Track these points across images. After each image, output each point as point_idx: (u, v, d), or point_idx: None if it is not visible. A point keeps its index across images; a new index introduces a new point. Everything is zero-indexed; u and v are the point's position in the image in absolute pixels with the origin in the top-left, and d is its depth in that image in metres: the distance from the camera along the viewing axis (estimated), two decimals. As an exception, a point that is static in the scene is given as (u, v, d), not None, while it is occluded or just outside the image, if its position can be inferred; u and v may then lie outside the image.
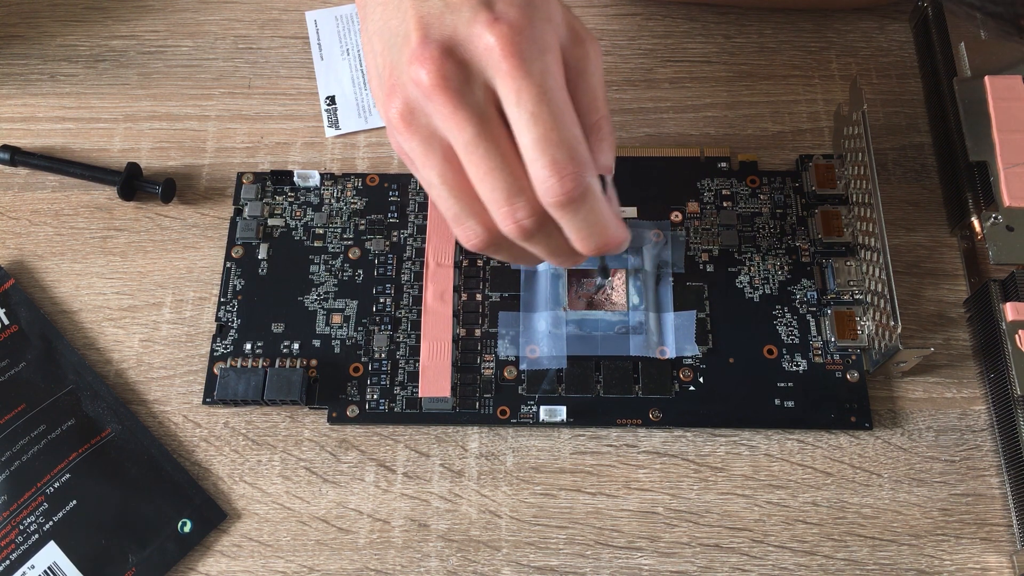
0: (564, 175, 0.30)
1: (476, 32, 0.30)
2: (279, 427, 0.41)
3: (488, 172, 0.31)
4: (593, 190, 0.31)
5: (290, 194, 0.45)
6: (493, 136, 0.31)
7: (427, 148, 0.32)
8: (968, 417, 0.40)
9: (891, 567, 0.38)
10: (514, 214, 0.31)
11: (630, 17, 0.50)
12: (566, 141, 0.30)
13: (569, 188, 0.30)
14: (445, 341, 0.41)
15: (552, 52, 0.31)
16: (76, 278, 0.44)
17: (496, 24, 0.30)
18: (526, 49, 0.30)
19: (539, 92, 0.30)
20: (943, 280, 0.43)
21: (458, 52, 0.31)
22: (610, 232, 0.32)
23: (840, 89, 0.48)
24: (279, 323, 0.42)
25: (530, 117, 0.30)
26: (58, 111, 0.48)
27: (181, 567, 0.38)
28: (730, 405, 0.40)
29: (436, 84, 0.30)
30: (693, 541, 0.38)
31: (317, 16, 0.51)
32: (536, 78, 0.30)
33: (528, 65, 0.30)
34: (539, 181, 0.31)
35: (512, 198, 0.31)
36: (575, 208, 0.31)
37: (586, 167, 0.31)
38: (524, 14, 0.30)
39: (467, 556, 0.38)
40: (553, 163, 0.30)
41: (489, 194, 0.31)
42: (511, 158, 0.31)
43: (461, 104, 0.30)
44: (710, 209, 0.44)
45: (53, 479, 0.39)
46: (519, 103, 0.30)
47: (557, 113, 0.30)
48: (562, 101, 0.31)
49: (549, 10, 0.32)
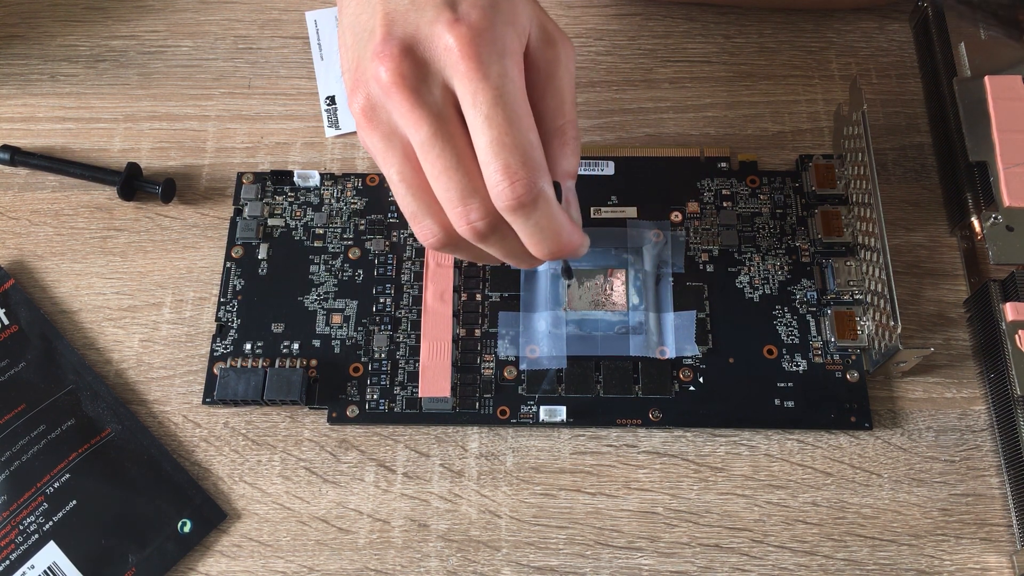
0: (516, 180, 0.30)
1: (437, 32, 0.30)
2: (279, 427, 0.41)
3: (443, 171, 0.31)
4: (546, 195, 0.31)
5: (290, 194, 0.45)
6: (449, 136, 0.31)
7: (387, 145, 0.32)
8: (968, 417, 0.40)
9: (891, 567, 0.38)
10: (467, 215, 0.31)
11: (630, 17, 0.50)
12: (520, 146, 0.30)
13: (520, 193, 0.30)
14: (445, 341, 0.41)
15: (512, 56, 0.31)
16: (76, 278, 0.44)
17: (456, 25, 0.30)
18: (485, 52, 0.30)
19: (495, 95, 0.30)
20: (943, 280, 0.43)
21: (418, 51, 0.31)
22: (563, 238, 0.32)
23: (840, 89, 0.48)
24: (279, 323, 0.42)
25: (485, 120, 0.30)
26: (58, 111, 0.48)
27: (181, 567, 0.38)
28: (730, 405, 0.40)
29: (393, 81, 0.30)
30: (693, 541, 0.38)
31: (317, 16, 0.51)
32: (493, 80, 0.30)
33: (486, 68, 0.30)
34: (492, 184, 0.31)
35: (466, 199, 0.31)
36: (526, 213, 0.31)
37: (539, 172, 0.31)
38: (485, 16, 0.30)
39: (467, 556, 0.38)
40: (506, 167, 0.30)
41: (443, 193, 0.31)
42: (467, 159, 0.31)
43: (417, 103, 0.31)
44: (710, 209, 0.44)
45: (53, 479, 0.39)
46: (475, 105, 0.30)
47: (512, 117, 0.30)
48: (519, 105, 0.31)
49: (514, 13, 0.31)
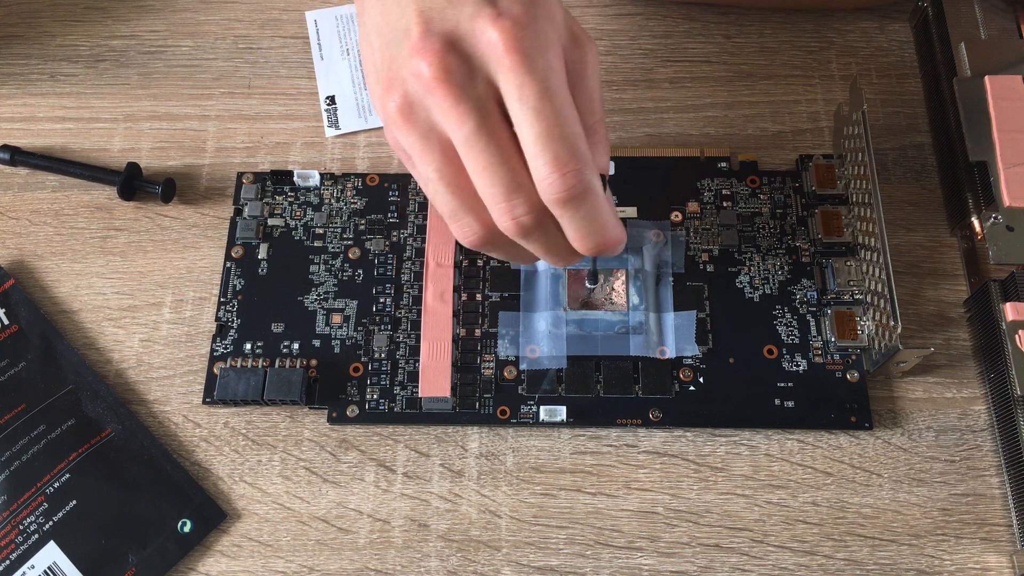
0: (567, 171, 0.30)
1: (479, 27, 0.30)
2: (279, 427, 0.41)
3: (487, 167, 0.31)
4: (594, 188, 0.31)
5: (290, 194, 0.45)
6: (493, 131, 0.31)
7: (425, 143, 0.32)
8: (968, 417, 0.40)
9: (891, 567, 0.38)
10: (512, 210, 0.31)
11: (630, 17, 0.50)
12: (568, 137, 0.30)
13: (571, 184, 0.30)
14: (445, 341, 0.41)
15: (554, 50, 0.31)
16: (76, 278, 0.44)
17: (500, 19, 0.30)
18: (529, 45, 0.30)
19: (542, 88, 0.30)
20: (943, 280, 0.43)
21: (460, 46, 0.31)
22: (608, 231, 0.32)
23: (840, 89, 0.48)
24: (279, 323, 0.42)
25: (533, 113, 0.30)
26: (58, 111, 0.48)
27: (181, 567, 0.38)
28: (730, 405, 0.40)
29: (438, 77, 0.30)
30: (693, 541, 0.38)
31: (317, 16, 0.51)
32: (539, 74, 0.30)
33: (531, 61, 0.30)
34: (541, 177, 0.30)
35: (511, 194, 0.31)
36: (576, 205, 0.31)
37: (588, 164, 0.31)
38: (527, 11, 0.30)
39: (467, 556, 0.38)
40: (556, 159, 0.30)
41: (488, 190, 0.31)
42: (511, 154, 0.31)
43: (462, 98, 0.30)
44: (710, 209, 0.44)
45: (53, 479, 0.39)
46: (522, 99, 0.30)
47: (560, 109, 0.30)
48: (564, 98, 0.30)
49: (551, 9, 0.31)
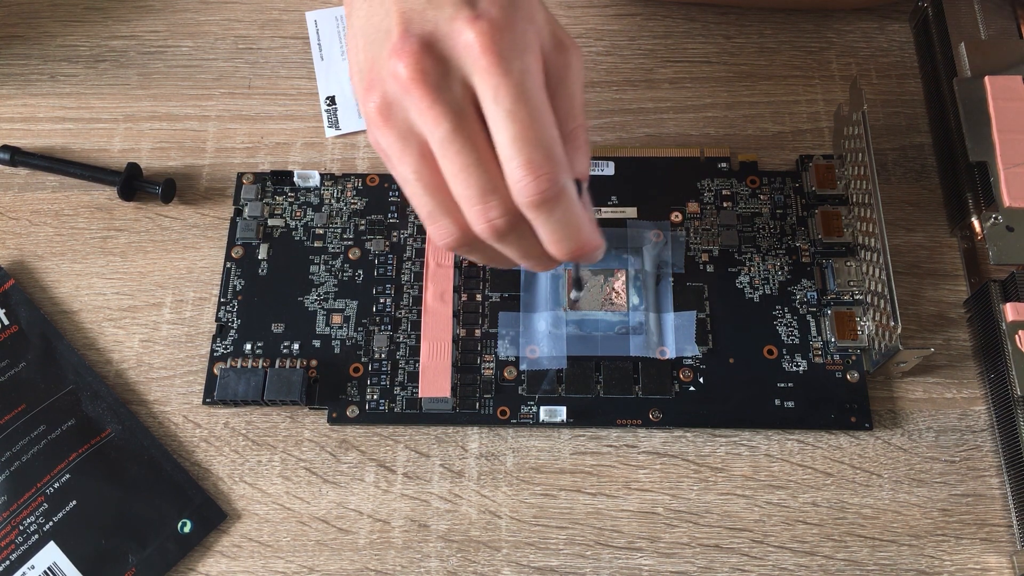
0: (540, 174, 0.30)
1: (456, 28, 0.30)
2: (279, 427, 0.41)
3: (462, 169, 0.31)
4: (568, 192, 0.31)
5: (290, 194, 0.45)
6: (469, 133, 0.31)
7: (403, 144, 0.32)
8: (968, 417, 0.40)
9: (891, 567, 0.38)
10: (487, 213, 0.31)
11: (630, 17, 0.50)
12: (543, 141, 0.30)
13: (544, 188, 0.30)
14: (445, 341, 0.41)
15: (532, 52, 0.31)
16: (76, 278, 0.44)
17: (477, 21, 0.30)
18: (506, 47, 0.30)
19: (517, 90, 0.30)
20: (943, 280, 0.43)
21: (438, 48, 0.31)
22: (584, 236, 0.32)
23: (840, 89, 0.48)
24: (279, 323, 0.42)
25: (507, 115, 0.30)
26: (58, 111, 0.48)
27: (181, 567, 0.38)
28: (730, 405, 0.40)
29: (414, 78, 0.30)
30: (693, 541, 0.38)
31: (317, 16, 0.51)
32: (515, 76, 0.30)
33: (507, 63, 0.30)
34: (514, 180, 0.30)
35: (485, 196, 0.31)
36: (549, 209, 0.31)
37: (562, 168, 0.30)
38: (505, 13, 0.30)
39: (467, 556, 0.38)
40: (529, 162, 0.30)
41: (462, 191, 0.31)
42: (486, 156, 0.31)
43: (438, 99, 0.30)
44: (710, 209, 0.44)
45: (53, 479, 0.39)
46: (496, 100, 0.30)
47: (535, 112, 0.30)
48: (540, 101, 0.30)
49: (531, 11, 0.31)
